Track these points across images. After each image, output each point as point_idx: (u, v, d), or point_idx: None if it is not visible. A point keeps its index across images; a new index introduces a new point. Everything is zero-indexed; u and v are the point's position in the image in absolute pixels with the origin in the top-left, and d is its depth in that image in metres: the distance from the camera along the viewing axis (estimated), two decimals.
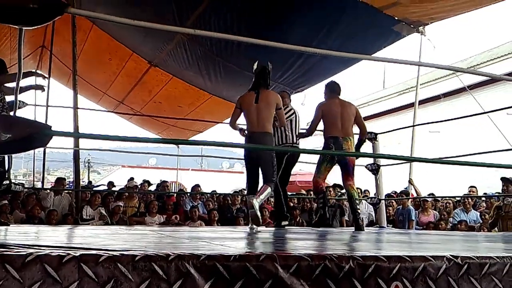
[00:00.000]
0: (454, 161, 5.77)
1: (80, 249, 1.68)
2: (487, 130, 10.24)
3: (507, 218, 7.19)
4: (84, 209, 7.92)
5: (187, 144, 13.73)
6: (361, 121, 6.42)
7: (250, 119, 5.55)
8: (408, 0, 6.73)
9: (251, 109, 5.52)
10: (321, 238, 3.98)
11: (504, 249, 2.96)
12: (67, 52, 9.64)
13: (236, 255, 1.68)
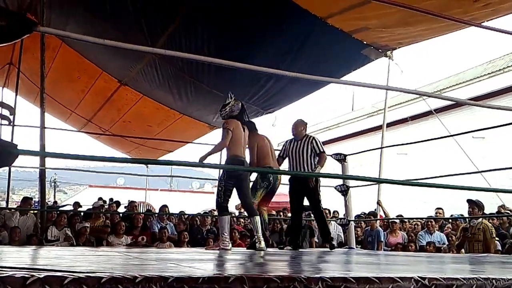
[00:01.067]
0: (422, 183, 5.86)
1: (44, 271, 1.64)
2: (453, 152, 10.44)
3: (473, 239, 7.30)
4: (50, 230, 7.74)
5: (156, 164, 13.60)
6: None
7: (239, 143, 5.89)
8: (376, 25, 6.87)
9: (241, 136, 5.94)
10: (290, 259, 3.97)
11: (470, 270, 3.00)
12: (35, 70, 9.50)
13: (205, 277, 1.66)
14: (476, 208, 7.20)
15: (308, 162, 6.47)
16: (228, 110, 5.99)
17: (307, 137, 6.60)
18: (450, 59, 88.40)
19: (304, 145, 6.52)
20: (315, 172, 6.45)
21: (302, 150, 6.51)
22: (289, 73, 3.93)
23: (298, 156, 6.52)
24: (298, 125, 6.69)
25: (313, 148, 6.49)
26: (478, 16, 5.96)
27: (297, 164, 6.52)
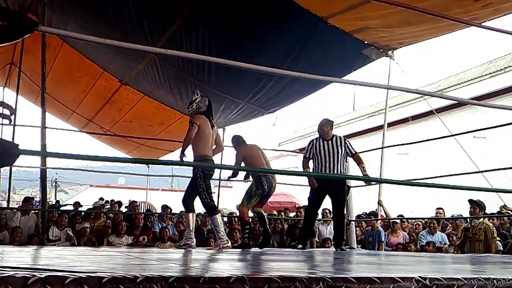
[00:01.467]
0: (423, 183, 5.87)
1: (45, 271, 1.64)
2: (454, 152, 10.44)
3: (474, 239, 7.30)
4: (51, 230, 7.74)
5: (157, 164, 13.61)
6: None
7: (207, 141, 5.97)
8: (377, 25, 6.86)
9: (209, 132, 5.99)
10: (291, 259, 3.97)
11: (472, 270, 3.00)
12: (36, 70, 9.51)
13: (206, 277, 1.66)
14: (478, 208, 7.21)
15: (339, 163, 6.37)
16: (195, 106, 6.06)
17: (336, 137, 6.54)
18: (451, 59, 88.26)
19: (334, 145, 6.44)
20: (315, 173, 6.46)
21: (332, 150, 6.41)
22: (290, 73, 3.93)
23: (328, 156, 6.41)
24: (324, 125, 6.62)
25: (347, 149, 6.45)
26: (479, 16, 5.96)
27: (326, 165, 6.40)
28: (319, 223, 9.63)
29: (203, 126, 5.81)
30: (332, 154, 6.38)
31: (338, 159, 6.36)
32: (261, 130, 6.81)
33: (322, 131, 6.59)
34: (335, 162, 6.35)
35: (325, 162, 6.38)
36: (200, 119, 5.84)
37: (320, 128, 6.63)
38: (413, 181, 5.93)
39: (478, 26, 5.04)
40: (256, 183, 6.51)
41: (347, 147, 6.45)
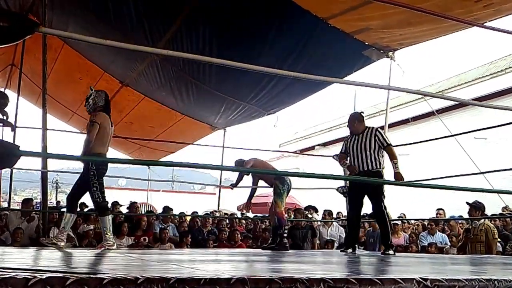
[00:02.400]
0: (423, 184, 5.87)
1: (46, 272, 1.64)
2: (455, 153, 10.44)
3: (475, 241, 7.30)
4: (52, 231, 7.74)
5: (158, 166, 13.61)
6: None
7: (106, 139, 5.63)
8: (378, 26, 6.86)
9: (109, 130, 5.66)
10: (291, 260, 3.97)
11: (472, 271, 3.00)
12: (37, 71, 9.51)
13: (207, 278, 1.66)
14: (475, 210, 7.21)
15: (372, 157, 5.92)
16: (91, 102, 5.85)
17: (369, 130, 6.07)
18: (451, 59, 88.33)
19: (366, 138, 6.00)
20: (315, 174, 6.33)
21: (365, 144, 5.98)
22: (290, 73, 3.94)
23: (360, 151, 6.01)
24: (352, 119, 6.29)
25: (379, 141, 5.94)
26: (480, 17, 5.95)
27: (360, 160, 6.02)
28: (320, 224, 9.63)
29: (104, 124, 5.54)
30: (361, 149, 5.98)
31: (368, 153, 5.93)
32: (262, 131, 6.82)
33: (351, 127, 6.28)
34: (364, 156, 5.95)
35: (356, 158, 6.03)
36: (101, 118, 5.57)
37: (348, 123, 6.33)
38: (414, 182, 5.93)
39: (480, 26, 5.05)
40: (280, 181, 6.65)
41: (378, 139, 5.94)
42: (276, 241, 6.61)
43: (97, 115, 5.62)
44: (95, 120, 5.49)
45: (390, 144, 5.89)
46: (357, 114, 6.36)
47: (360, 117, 6.26)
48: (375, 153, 5.91)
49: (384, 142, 5.90)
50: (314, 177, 4.71)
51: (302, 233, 8.90)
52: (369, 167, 5.89)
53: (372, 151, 5.90)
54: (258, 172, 6.83)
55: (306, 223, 9.15)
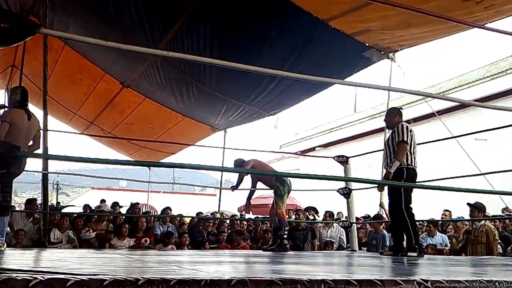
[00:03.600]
0: (424, 185, 5.86)
1: (47, 273, 1.64)
2: (455, 154, 10.44)
3: (476, 242, 7.29)
4: (52, 232, 7.74)
5: (159, 167, 13.61)
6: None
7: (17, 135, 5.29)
8: (378, 27, 6.86)
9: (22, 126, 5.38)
10: (292, 262, 3.97)
11: (473, 273, 2.99)
12: (37, 72, 9.52)
13: (207, 279, 1.66)
14: (477, 211, 7.19)
15: (391, 156, 5.65)
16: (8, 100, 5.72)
17: (397, 125, 5.75)
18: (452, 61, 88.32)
19: (391, 134, 5.79)
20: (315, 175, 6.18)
21: (388, 142, 5.79)
22: (291, 74, 3.94)
23: (385, 149, 5.82)
24: (389, 113, 6.09)
25: (394, 138, 5.67)
26: (481, 18, 5.96)
27: (384, 157, 5.86)
28: (321, 226, 9.63)
29: (14, 120, 5.31)
30: (387, 145, 5.78)
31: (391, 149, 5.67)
32: (263, 132, 6.79)
33: (387, 121, 6.09)
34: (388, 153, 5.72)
35: (384, 155, 5.88)
36: (11, 115, 5.40)
37: (385, 118, 6.17)
38: (414, 183, 5.90)
39: (481, 27, 5.04)
40: (280, 182, 6.62)
41: (395, 134, 5.67)
42: (277, 243, 6.60)
43: (8, 113, 5.48)
44: (5, 119, 5.31)
45: (401, 140, 5.56)
46: (396, 109, 6.22)
47: (400, 112, 6.07)
48: (394, 149, 5.63)
49: (396, 138, 5.63)
50: (315, 178, 4.73)
51: (302, 234, 8.90)
52: (387, 164, 5.70)
53: (392, 148, 5.66)
54: (258, 174, 6.83)
55: (306, 224, 9.15)
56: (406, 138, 5.56)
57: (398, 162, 5.50)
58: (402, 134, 5.57)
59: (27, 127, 5.37)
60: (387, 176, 5.48)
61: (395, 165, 5.47)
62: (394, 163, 5.48)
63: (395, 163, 5.48)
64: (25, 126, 5.36)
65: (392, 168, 5.47)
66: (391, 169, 5.47)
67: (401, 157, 5.50)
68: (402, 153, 5.51)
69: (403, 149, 5.52)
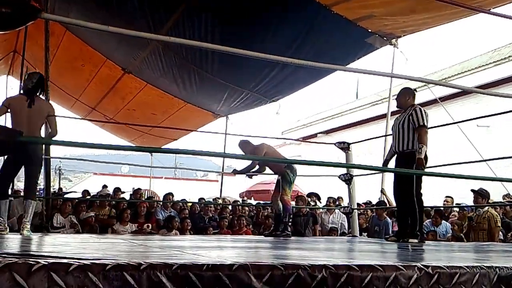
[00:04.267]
0: (426, 172, 5.84)
1: (50, 258, 1.65)
2: (457, 141, 10.42)
3: (478, 228, 7.30)
4: (55, 217, 7.77)
5: (161, 152, 13.63)
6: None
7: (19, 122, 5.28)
8: (381, 13, 6.82)
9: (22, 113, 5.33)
10: (294, 247, 3.98)
11: (474, 259, 3.00)
12: (39, 57, 9.49)
13: (209, 264, 1.67)
14: (480, 197, 7.19)
15: (405, 138, 5.51)
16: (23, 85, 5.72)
17: (411, 108, 5.59)
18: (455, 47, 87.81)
19: (404, 117, 5.58)
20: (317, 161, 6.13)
21: (402, 124, 5.57)
22: (294, 60, 3.92)
23: (398, 131, 5.62)
24: (402, 94, 5.82)
25: (412, 121, 5.47)
26: (485, 3, 5.91)
27: (394, 141, 5.68)
28: (323, 211, 9.66)
29: (13, 106, 5.35)
30: (398, 128, 5.61)
31: (402, 133, 5.55)
32: (264, 119, 6.75)
33: (398, 102, 5.86)
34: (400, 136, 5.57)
35: (395, 139, 5.68)
36: (9, 100, 5.46)
37: (397, 98, 5.93)
38: (415, 170, 5.90)
39: (485, 12, 5.01)
40: (290, 169, 6.62)
41: (412, 118, 5.50)
42: (279, 229, 6.61)
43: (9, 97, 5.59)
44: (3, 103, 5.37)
45: (422, 125, 5.42)
46: (411, 89, 5.91)
47: (414, 93, 5.83)
48: (409, 133, 5.49)
49: (416, 122, 5.44)
50: (316, 165, 4.73)
51: (303, 220, 8.92)
52: (402, 147, 5.56)
53: (406, 130, 5.52)
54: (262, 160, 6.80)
55: (308, 210, 9.17)
56: (426, 122, 5.48)
57: (426, 147, 5.38)
58: (422, 119, 5.46)
59: (28, 114, 5.31)
60: (419, 163, 5.32)
61: (424, 150, 5.34)
62: (422, 148, 5.33)
63: (423, 148, 5.34)
64: (25, 112, 5.30)
65: (421, 153, 5.32)
66: (421, 154, 5.32)
67: (426, 141, 5.39)
68: (425, 137, 5.41)
69: (425, 133, 5.43)
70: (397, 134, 5.63)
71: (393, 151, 5.76)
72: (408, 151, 5.49)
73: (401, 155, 5.59)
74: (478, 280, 2.12)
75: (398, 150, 5.62)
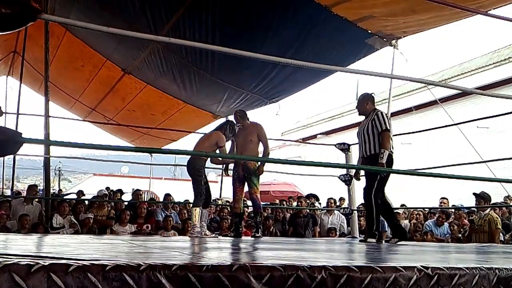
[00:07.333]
0: (425, 173, 5.84)
1: (49, 258, 1.65)
2: (457, 142, 10.43)
3: (479, 230, 7.32)
4: (54, 218, 7.77)
5: (160, 153, 13.61)
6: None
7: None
8: (381, 14, 6.82)
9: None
10: (293, 248, 3.98)
11: (474, 260, 3.00)
12: (39, 58, 9.50)
13: (209, 265, 1.67)
14: (483, 201, 7.22)
15: (371, 143, 5.64)
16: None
17: (373, 113, 5.77)
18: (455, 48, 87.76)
19: (368, 121, 5.75)
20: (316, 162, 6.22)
21: (366, 129, 5.72)
22: (294, 61, 3.92)
23: (363, 137, 5.76)
24: (361, 101, 6.04)
25: (375, 126, 5.63)
26: (484, 4, 5.91)
27: (361, 147, 5.80)
28: (322, 212, 9.66)
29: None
30: (363, 133, 5.77)
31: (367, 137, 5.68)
32: (264, 120, 6.67)
33: (359, 109, 6.06)
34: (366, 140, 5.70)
35: (360, 144, 5.84)
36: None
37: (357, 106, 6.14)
38: (416, 171, 5.90)
39: (484, 14, 5.01)
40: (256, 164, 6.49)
41: (375, 122, 5.65)
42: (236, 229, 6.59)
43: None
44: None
45: (385, 129, 5.56)
46: (369, 95, 6.13)
47: (372, 98, 6.05)
48: (374, 137, 5.62)
49: (379, 127, 5.60)
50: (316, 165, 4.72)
51: (303, 221, 8.93)
52: (368, 152, 5.69)
53: (371, 135, 5.65)
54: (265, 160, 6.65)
55: (308, 212, 9.18)
56: (389, 126, 5.62)
57: (387, 151, 5.50)
58: (385, 123, 5.61)
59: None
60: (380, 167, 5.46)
61: (385, 154, 5.47)
62: (384, 153, 5.47)
63: (385, 153, 5.47)
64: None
65: (383, 158, 5.46)
66: (382, 159, 5.45)
67: (388, 145, 5.53)
68: (388, 141, 5.56)
69: (388, 137, 5.57)
70: (362, 140, 5.79)
71: (360, 156, 5.88)
72: (373, 154, 5.63)
73: (367, 159, 5.72)
74: (478, 282, 2.11)
75: (365, 155, 5.75)
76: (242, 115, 6.74)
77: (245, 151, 6.53)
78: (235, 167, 6.67)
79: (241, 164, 6.50)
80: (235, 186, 6.66)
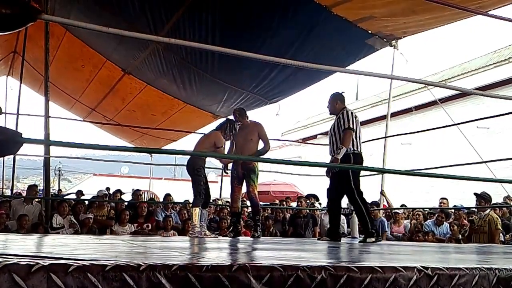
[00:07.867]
0: (426, 173, 5.85)
1: (49, 259, 1.65)
2: (457, 143, 10.43)
3: (479, 231, 7.32)
4: (54, 218, 7.78)
5: (160, 153, 13.61)
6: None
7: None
8: (381, 14, 6.82)
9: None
10: (293, 248, 3.98)
11: (474, 260, 3.00)
12: (39, 58, 9.50)
13: (209, 265, 1.66)
14: (483, 201, 7.22)
15: (338, 142, 5.67)
16: None
17: (341, 111, 5.85)
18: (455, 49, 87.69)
19: (335, 122, 5.83)
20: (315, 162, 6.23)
21: (334, 128, 5.81)
22: (294, 62, 3.92)
23: (330, 136, 5.84)
24: (330, 101, 6.07)
25: (340, 125, 5.72)
26: (484, 5, 5.91)
27: (330, 146, 5.84)
28: (322, 213, 9.66)
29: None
30: (332, 132, 5.84)
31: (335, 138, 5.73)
32: (264, 120, 6.63)
33: (330, 108, 6.11)
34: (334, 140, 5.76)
35: (329, 142, 5.90)
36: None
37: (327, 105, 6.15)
38: (416, 171, 5.90)
39: (484, 14, 5.01)
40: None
41: (339, 121, 5.74)
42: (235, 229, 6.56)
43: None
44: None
45: (347, 127, 5.62)
46: (338, 94, 6.17)
47: (342, 97, 6.12)
48: (340, 136, 5.68)
49: (342, 125, 5.68)
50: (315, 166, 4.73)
51: (303, 222, 8.93)
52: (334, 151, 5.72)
53: (338, 134, 5.73)
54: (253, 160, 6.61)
55: (307, 212, 9.18)
56: (352, 124, 5.65)
57: (345, 148, 5.54)
58: (348, 121, 5.66)
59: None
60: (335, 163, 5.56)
61: (342, 151, 5.52)
62: (341, 149, 5.52)
63: (342, 150, 5.53)
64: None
65: (339, 154, 5.52)
66: (338, 155, 5.52)
67: (347, 143, 5.58)
68: (349, 139, 5.60)
69: (349, 135, 5.61)
70: (330, 139, 5.86)
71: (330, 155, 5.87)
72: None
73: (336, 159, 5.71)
74: (478, 282, 2.11)
75: (332, 155, 5.78)
76: (241, 113, 6.73)
77: (245, 150, 6.52)
78: (234, 166, 6.66)
79: (241, 162, 6.49)
80: (234, 185, 6.65)
